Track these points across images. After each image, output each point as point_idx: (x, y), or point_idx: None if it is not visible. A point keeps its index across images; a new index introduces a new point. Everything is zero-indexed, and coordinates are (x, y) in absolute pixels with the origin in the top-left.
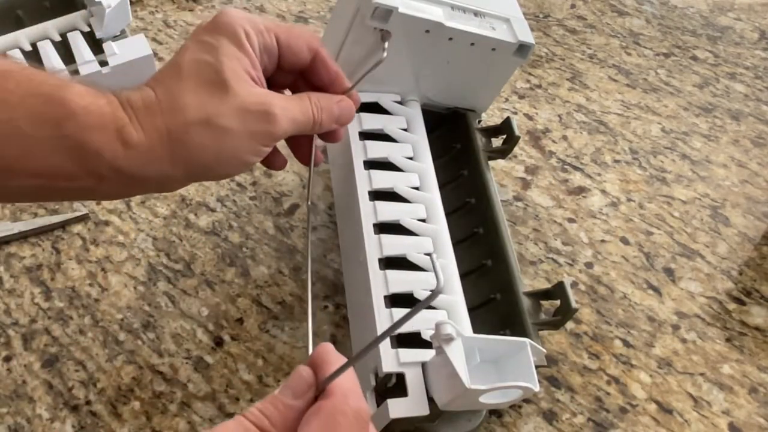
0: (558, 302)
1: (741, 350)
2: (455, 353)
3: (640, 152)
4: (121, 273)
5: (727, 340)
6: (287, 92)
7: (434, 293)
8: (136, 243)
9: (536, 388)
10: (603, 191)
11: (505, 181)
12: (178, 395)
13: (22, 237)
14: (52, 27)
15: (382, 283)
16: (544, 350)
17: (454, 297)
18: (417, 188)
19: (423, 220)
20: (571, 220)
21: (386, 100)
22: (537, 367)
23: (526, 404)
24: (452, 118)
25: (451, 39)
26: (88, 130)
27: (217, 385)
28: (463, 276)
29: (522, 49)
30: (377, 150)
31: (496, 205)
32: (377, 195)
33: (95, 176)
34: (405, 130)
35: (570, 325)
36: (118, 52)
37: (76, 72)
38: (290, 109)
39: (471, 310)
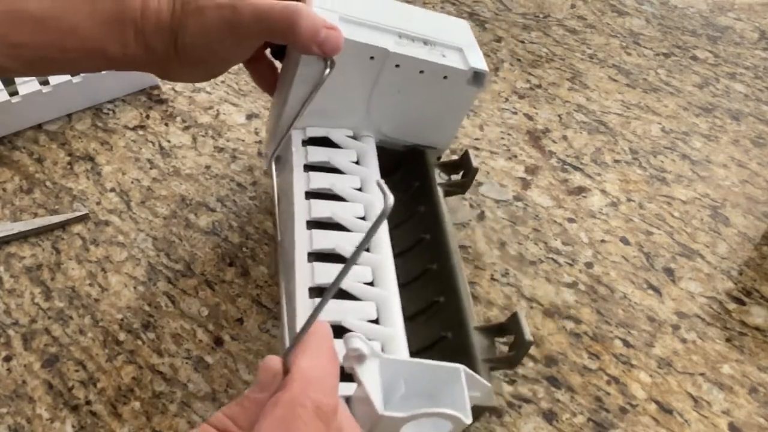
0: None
1: (741, 350)
2: (368, 374)
3: (640, 152)
4: (121, 273)
5: (727, 340)
6: None
7: (384, 212)
8: (136, 243)
9: (468, 419)
10: (603, 191)
11: (505, 181)
12: (178, 395)
13: (22, 237)
14: None
15: (311, 307)
16: (489, 384)
17: (394, 329)
18: (363, 218)
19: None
20: (571, 220)
21: (337, 134)
22: (484, 408)
23: (526, 404)
24: (411, 157)
25: (398, 66)
26: (119, 2)
27: (217, 385)
28: (415, 315)
29: (477, 77)
30: (321, 180)
31: (450, 239)
32: (316, 225)
33: (121, 43)
34: (356, 163)
35: (570, 325)
36: None
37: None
38: (260, 4)
39: (421, 350)
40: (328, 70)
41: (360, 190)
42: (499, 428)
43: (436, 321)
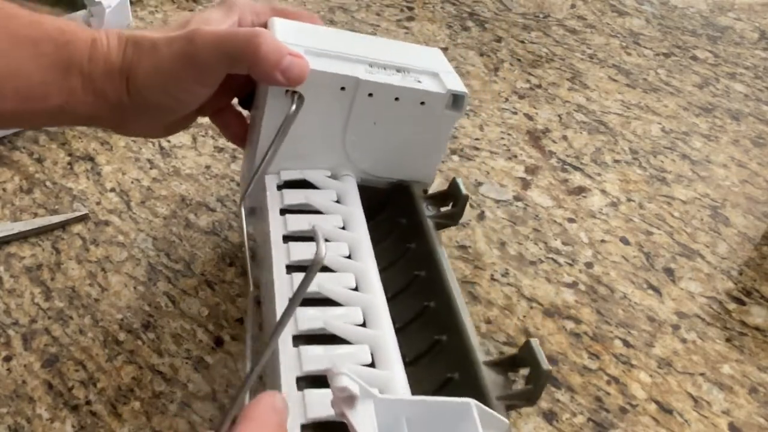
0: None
1: (741, 350)
2: (361, 418)
3: (640, 152)
4: (121, 273)
5: (727, 340)
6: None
7: (315, 263)
8: (136, 243)
9: None
10: (603, 191)
11: (505, 181)
12: (178, 395)
13: (22, 237)
14: None
15: (295, 362)
16: (506, 420)
17: (392, 372)
18: (348, 257)
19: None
20: (571, 220)
21: (314, 175)
22: None
23: None
24: (396, 193)
25: (371, 95)
26: (64, 46)
27: (217, 385)
28: (417, 359)
29: (456, 100)
30: (298, 222)
31: (448, 274)
32: (297, 270)
33: (66, 91)
34: (337, 203)
35: (570, 325)
36: None
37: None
38: (216, 32)
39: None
40: (294, 106)
41: (343, 229)
42: None
43: (440, 362)
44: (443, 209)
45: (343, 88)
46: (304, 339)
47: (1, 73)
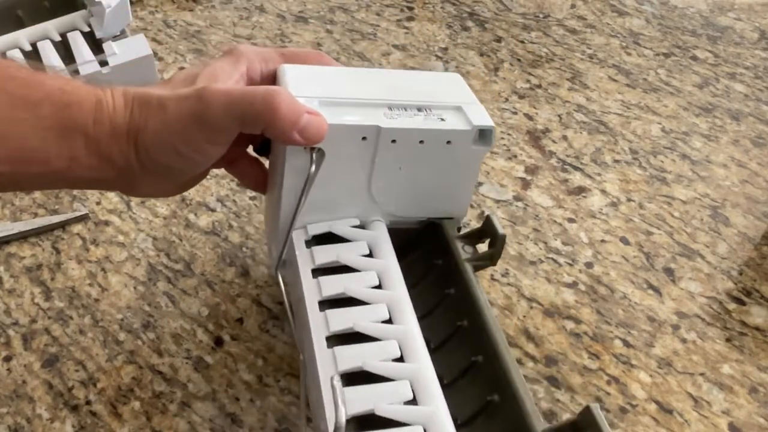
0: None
1: (741, 350)
2: None
3: (640, 152)
4: (121, 273)
5: (727, 340)
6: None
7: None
8: (136, 243)
9: None
10: (603, 191)
11: (505, 181)
12: (178, 395)
13: (22, 237)
14: (52, 27)
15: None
16: None
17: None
18: (388, 321)
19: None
20: (571, 220)
21: (341, 227)
22: None
23: None
24: (428, 232)
25: (394, 141)
26: (65, 107)
27: (217, 385)
28: (467, 423)
29: (483, 135)
30: (333, 286)
31: (492, 324)
32: (338, 339)
33: (68, 154)
34: (369, 255)
35: (570, 325)
36: (118, 52)
37: (76, 72)
38: (229, 91)
39: None
40: (314, 167)
41: (379, 287)
42: None
43: (493, 426)
44: (479, 248)
45: (364, 138)
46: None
47: None
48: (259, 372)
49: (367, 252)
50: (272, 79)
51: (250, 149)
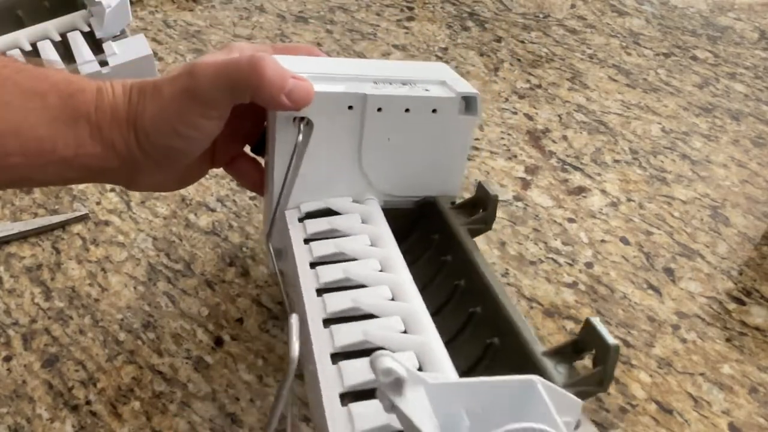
0: (594, 351)
1: (741, 350)
2: (413, 407)
3: (640, 152)
4: (121, 273)
5: (727, 340)
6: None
7: (290, 363)
8: (136, 243)
9: None
10: (603, 191)
11: (505, 181)
12: (178, 395)
13: (22, 237)
14: (52, 27)
15: (336, 379)
16: (580, 401)
17: (442, 372)
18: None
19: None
20: (571, 220)
21: (335, 202)
22: None
23: None
24: (424, 211)
25: (380, 110)
26: (70, 96)
27: (217, 385)
28: (473, 368)
29: (468, 102)
30: (324, 247)
31: (491, 278)
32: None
33: (74, 142)
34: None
35: (570, 325)
36: (118, 52)
37: (76, 72)
38: (216, 63)
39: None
40: (301, 136)
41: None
42: None
43: (498, 365)
44: (474, 217)
45: (351, 107)
46: (342, 355)
47: (6, 128)
48: (259, 372)
49: (361, 222)
50: None
51: (247, 149)
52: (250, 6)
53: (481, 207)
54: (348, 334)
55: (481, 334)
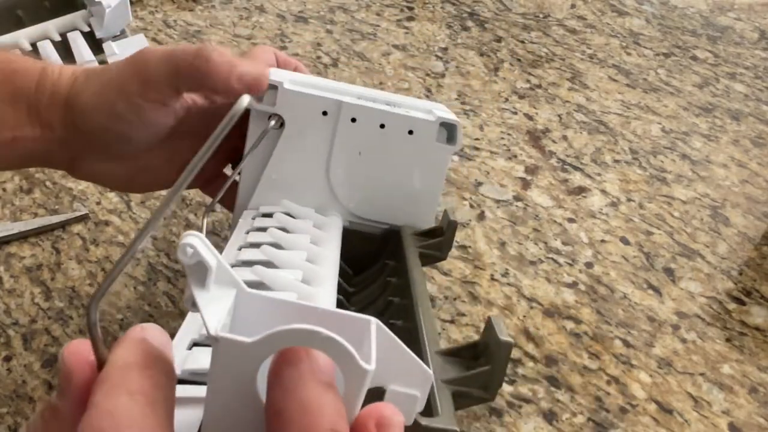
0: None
1: (741, 350)
2: (208, 303)
3: (640, 152)
4: (121, 273)
5: (727, 340)
6: None
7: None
8: None
9: (368, 365)
10: (603, 191)
11: (505, 181)
12: None
13: (22, 237)
14: (52, 27)
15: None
16: (429, 370)
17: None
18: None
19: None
20: (571, 220)
21: (294, 207)
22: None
23: (526, 404)
24: (388, 238)
25: (354, 120)
26: (10, 75)
27: None
28: None
29: (447, 130)
30: (259, 236)
31: (421, 295)
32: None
33: (13, 122)
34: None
35: (570, 325)
36: (118, 52)
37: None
38: (167, 48)
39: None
40: (272, 122)
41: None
42: (499, 428)
43: None
44: (431, 241)
45: (325, 113)
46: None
47: None
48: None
49: (311, 227)
50: None
51: (227, 169)
52: (250, 6)
53: (440, 235)
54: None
55: (387, 318)
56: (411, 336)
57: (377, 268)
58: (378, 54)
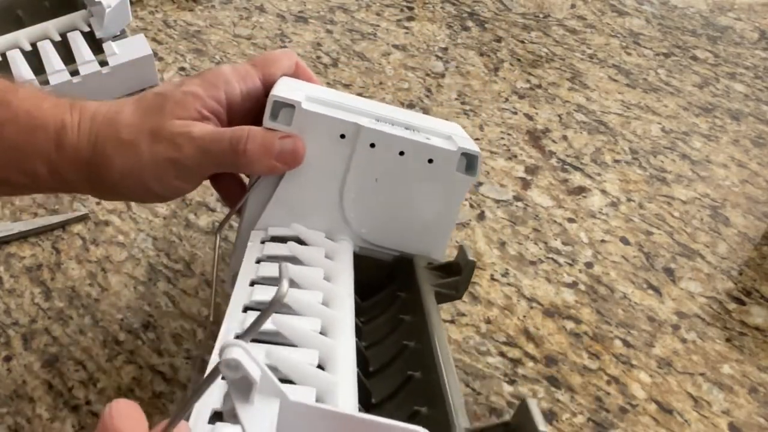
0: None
1: (741, 350)
2: (252, 420)
3: (640, 152)
4: (121, 273)
5: (727, 340)
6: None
7: (277, 298)
8: (136, 243)
9: None
10: (603, 191)
11: (505, 181)
12: (178, 395)
13: (22, 237)
14: (52, 27)
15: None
16: None
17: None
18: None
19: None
20: (571, 220)
21: (305, 232)
22: None
23: None
24: (399, 266)
25: (373, 146)
26: (30, 132)
27: None
28: None
29: (468, 161)
30: (270, 269)
31: (440, 343)
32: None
33: (30, 175)
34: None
35: (570, 325)
36: (118, 52)
37: (76, 72)
38: (203, 137)
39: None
40: None
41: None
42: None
43: None
44: (448, 280)
45: (343, 136)
46: None
47: None
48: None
49: (323, 256)
50: (253, 98)
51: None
52: (250, 6)
53: (456, 272)
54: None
55: (411, 400)
56: (437, 402)
57: (386, 295)
58: (378, 54)
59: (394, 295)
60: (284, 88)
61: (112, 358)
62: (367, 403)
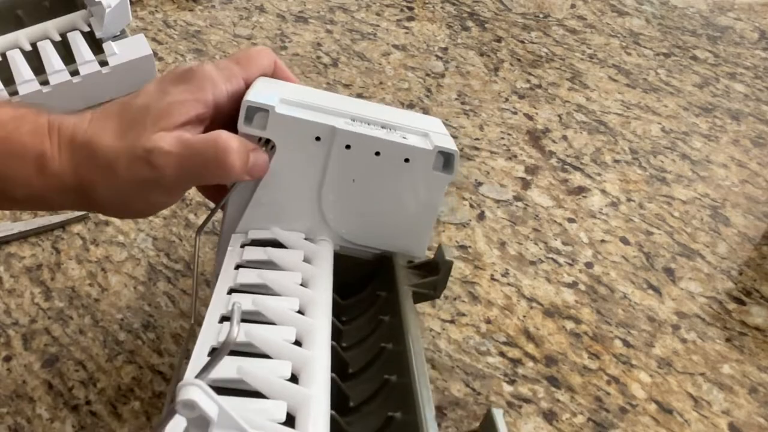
0: None
1: (741, 350)
2: None
3: (640, 152)
4: (121, 273)
5: (727, 340)
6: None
7: (227, 342)
8: (136, 243)
9: None
10: (603, 191)
11: (505, 181)
12: None
13: (22, 237)
14: (52, 27)
15: None
16: None
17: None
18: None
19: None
20: (571, 220)
21: (284, 235)
22: None
23: (526, 404)
24: (380, 265)
25: (348, 147)
26: (4, 158)
27: None
28: None
29: (445, 159)
30: (249, 276)
31: (415, 347)
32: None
33: (9, 200)
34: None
35: (570, 325)
36: (118, 52)
37: (76, 72)
38: (180, 153)
39: None
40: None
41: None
42: None
43: None
44: (425, 280)
45: (318, 138)
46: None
47: None
48: None
49: (302, 259)
50: (237, 98)
51: None
52: (250, 6)
53: (435, 271)
54: (223, 368)
55: (387, 404)
56: (410, 409)
57: (367, 295)
58: (378, 54)
59: (374, 295)
60: (259, 91)
61: (112, 358)
62: (344, 407)
